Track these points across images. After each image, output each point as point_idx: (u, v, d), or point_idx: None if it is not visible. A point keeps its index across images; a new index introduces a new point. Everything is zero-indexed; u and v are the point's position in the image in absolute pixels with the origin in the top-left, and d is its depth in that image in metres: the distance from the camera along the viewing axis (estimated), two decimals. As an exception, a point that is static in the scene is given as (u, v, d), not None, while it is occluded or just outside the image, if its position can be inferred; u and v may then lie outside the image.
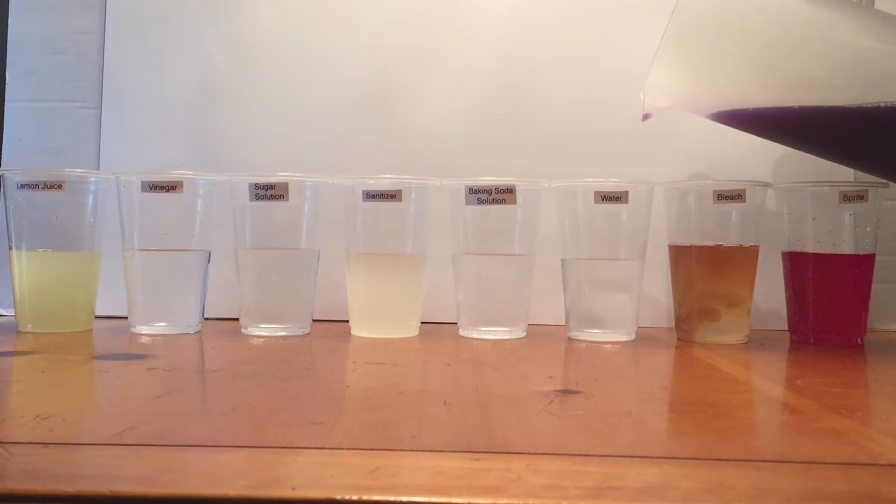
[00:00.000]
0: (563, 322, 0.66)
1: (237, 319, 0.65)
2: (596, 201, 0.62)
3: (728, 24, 0.56)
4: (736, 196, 0.62)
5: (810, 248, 0.64)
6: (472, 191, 0.62)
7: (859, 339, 0.64)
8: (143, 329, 0.63)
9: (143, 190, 0.61)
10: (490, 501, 0.25)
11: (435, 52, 0.75)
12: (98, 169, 0.74)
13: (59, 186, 0.62)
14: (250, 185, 0.62)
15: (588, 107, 0.74)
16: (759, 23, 0.56)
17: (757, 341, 0.64)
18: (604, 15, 0.75)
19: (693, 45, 0.57)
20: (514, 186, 0.62)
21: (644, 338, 0.65)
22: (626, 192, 0.62)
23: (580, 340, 0.63)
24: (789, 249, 0.65)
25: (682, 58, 0.57)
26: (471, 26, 0.75)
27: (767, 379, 0.49)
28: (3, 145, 0.75)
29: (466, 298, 0.64)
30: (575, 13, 0.75)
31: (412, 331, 0.64)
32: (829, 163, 0.61)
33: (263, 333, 0.63)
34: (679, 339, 0.65)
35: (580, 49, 0.74)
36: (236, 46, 0.75)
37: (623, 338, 0.63)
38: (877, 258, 0.64)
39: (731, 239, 0.64)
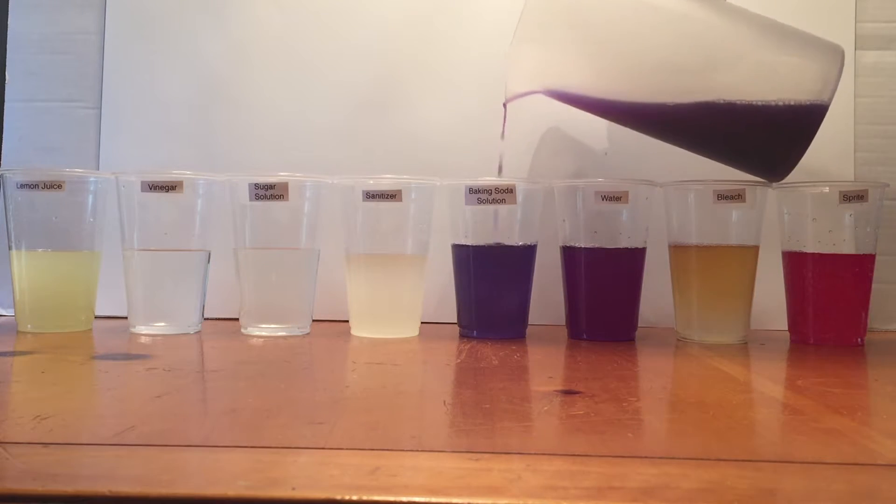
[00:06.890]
0: (562, 322, 0.66)
1: (237, 319, 0.65)
2: (596, 201, 0.62)
3: (575, 12, 0.59)
4: (736, 196, 0.62)
5: (810, 248, 0.63)
6: (472, 191, 0.62)
7: (859, 339, 0.63)
8: (142, 329, 0.63)
9: (143, 190, 0.61)
10: (490, 501, 0.25)
11: (434, 52, 0.75)
12: (98, 169, 0.74)
13: (59, 186, 0.62)
14: (250, 185, 0.62)
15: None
16: (607, 11, 0.59)
17: (757, 341, 0.64)
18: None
19: (546, 34, 0.60)
20: (514, 186, 0.62)
21: (644, 338, 0.65)
22: (627, 192, 0.62)
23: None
24: (789, 249, 0.65)
25: (538, 44, 0.60)
26: (470, 27, 0.75)
27: (767, 379, 0.49)
28: (3, 145, 0.75)
29: (465, 298, 0.64)
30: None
31: (412, 331, 0.64)
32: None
33: (263, 333, 0.63)
34: (679, 339, 0.65)
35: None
36: (236, 47, 0.75)
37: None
38: (877, 258, 0.64)
39: (731, 239, 0.64)
